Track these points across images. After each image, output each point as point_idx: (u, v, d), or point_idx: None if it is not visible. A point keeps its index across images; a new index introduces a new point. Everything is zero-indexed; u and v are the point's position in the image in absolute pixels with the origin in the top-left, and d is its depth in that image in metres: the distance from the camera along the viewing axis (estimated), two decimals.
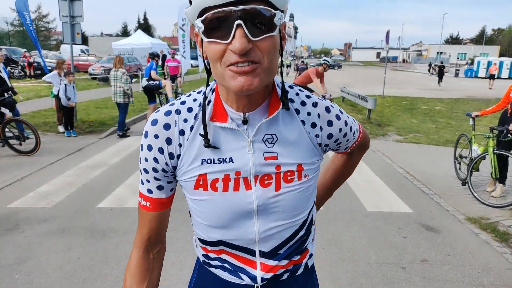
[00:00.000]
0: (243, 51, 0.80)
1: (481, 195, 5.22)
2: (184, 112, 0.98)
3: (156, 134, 0.96)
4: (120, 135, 8.66)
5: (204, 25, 0.83)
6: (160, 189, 1.03)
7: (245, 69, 0.82)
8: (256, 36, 0.81)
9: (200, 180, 0.98)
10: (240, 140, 0.96)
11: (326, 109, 1.04)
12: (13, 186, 5.35)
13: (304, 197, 1.03)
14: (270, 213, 1.01)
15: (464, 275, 3.42)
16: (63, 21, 9.35)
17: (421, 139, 9.11)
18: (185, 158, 0.97)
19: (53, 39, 63.92)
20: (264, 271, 1.07)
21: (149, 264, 1.10)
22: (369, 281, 3.28)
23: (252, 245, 1.04)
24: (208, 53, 0.86)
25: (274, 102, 0.97)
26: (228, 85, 0.85)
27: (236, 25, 0.79)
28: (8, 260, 3.43)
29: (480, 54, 63.87)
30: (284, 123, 0.99)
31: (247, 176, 0.97)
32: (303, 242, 1.11)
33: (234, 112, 0.95)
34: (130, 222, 4.26)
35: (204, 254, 1.12)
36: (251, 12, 0.80)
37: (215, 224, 1.02)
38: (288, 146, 0.98)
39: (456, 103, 16.57)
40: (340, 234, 4.11)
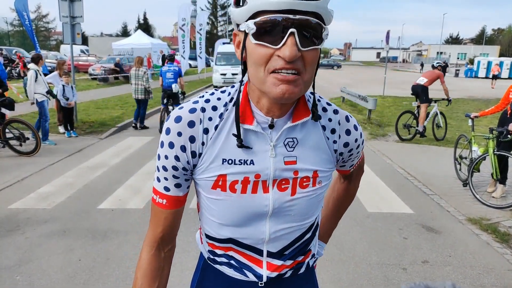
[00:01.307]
0: (292, 59, 0.82)
1: (482, 196, 5.22)
2: (209, 111, 0.97)
3: (180, 132, 0.95)
4: (141, 127, 9.68)
5: (256, 27, 0.83)
6: (177, 186, 1.02)
7: (289, 78, 0.84)
8: (305, 47, 0.83)
9: (219, 181, 0.98)
10: (263, 143, 0.97)
11: (346, 118, 1.08)
12: (13, 187, 5.35)
13: (315, 203, 1.07)
14: (282, 216, 1.03)
15: (465, 276, 3.43)
16: (63, 22, 9.34)
17: (421, 140, 9.10)
18: (206, 157, 0.97)
19: (52, 39, 63.95)
20: (269, 270, 1.10)
21: (160, 263, 1.09)
22: (370, 282, 3.28)
23: (261, 245, 1.07)
24: (253, 55, 0.86)
25: (300, 108, 0.98)
26: (269, 91, 0.86)
27: (290, 33, 0.81)
28: (9, 262, 3.43)
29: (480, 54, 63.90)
30: (305, 128, 1.00)
31: (266, 180, 0.98)
32: (308, 243, 1.15)
33: (263, 116, 0.96)
34: (131, 223, 4.26)
35: (210, 251, 1.13)
36: (305, 23, 0.82)
37: (228, 222, 1.03)
38: (307, 151, 1.00)
39: (456, 103, 16.54)
40: (340, 235, 4.11)
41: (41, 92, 7.55)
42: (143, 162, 6.62)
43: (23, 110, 10.67)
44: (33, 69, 7.54)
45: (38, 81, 7.53)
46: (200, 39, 21.14)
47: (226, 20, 66.73)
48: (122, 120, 10.31)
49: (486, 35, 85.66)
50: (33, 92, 7.48)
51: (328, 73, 42.15)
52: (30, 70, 7.56)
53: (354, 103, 13.85)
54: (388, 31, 17.15)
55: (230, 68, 19.19)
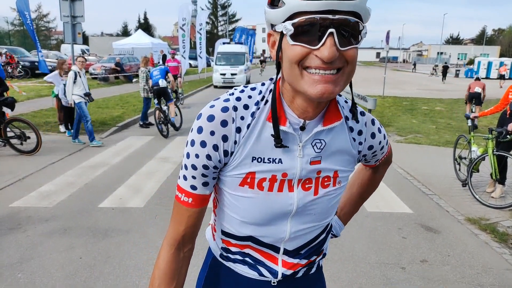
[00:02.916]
0: (331, 60, 0.81)
1: (481, 196, 5.23)
2: (241, 109, 0.96)
3: (213, 131, 0.94)
4: (146, 124, 9.96)
5: (294, 28, 0.82)
6: (205, 185, 1.01)
7: (327, 78, 0.83)
8: (344, 46, 0.82)
9: (248, 178, 0.99)
10: (292, 143, 0.97)
11: (372, 121, 1.10)
12: (14, 185, 5.37)
13: (335, 203, 1.09)
14: (304, 215, 1.05)
15: (463, 275, 3.45)
16: (64, 21, 9.36)
17: (421, 140, 9.12)
18: (237, 155, 0.97)
19: (53, 39, 63.94)
20: (285, 268, 1.11)
21: (179, 263, 1.08)
22: (369, 281, 3.30)
23: (279, 243, 1.08)
24: (289, 54, 0.85)
25: (331, 110, 0.98)
26: (304, 90, 0.86)
27: (329, 33, 0.80)
28: (11, 259, 3.45)
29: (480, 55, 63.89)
30: (334, 130, 1.01)
31: (292, 179, 1.00)
32: (322, 244, 1.17)
33: (296, 117, 0.96)
34: (132, 222, 4.28)
35: (224, 248, 1.14)
36: (344, 22, 0.81)
37: (252, 221, 1.04)
38: (331, 152, 1.02)
39: (456, 104, 16.57)
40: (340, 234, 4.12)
41: (79, 94, 7.49)
42: (144, 161, 6.64)
43: (23, 109, 10.70)
44: (73, 70, 7.48)
45: (77, 83, 7.45)
46: (200, 38, 21.15)
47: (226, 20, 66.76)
48: (122, 120, 10.32)
49: (486, 35, 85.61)
50: (71, 93, 7.44)
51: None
52: (71, 71, 7.50)
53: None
54: (388, 31, 17.17)
55: (230, 68, 19.22)
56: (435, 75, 39.97)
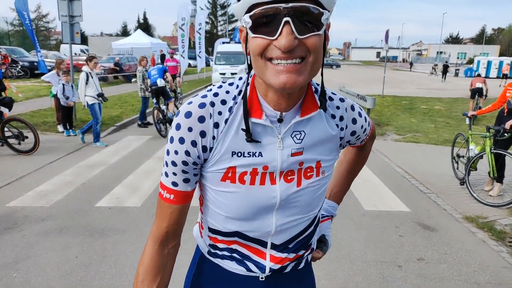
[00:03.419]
0: (288, 49, 0.80)
1: (479, 194, 5.23)
2: (218, 105, 0.96)
3: (190, 127, 0.94)
4: (145, 123, 10.01)
5: (252, 20, 0.83)
6: (186, 182, 1.01)
7: (290, 68, 0.83)
8: (303, 34, 0.81)
9: (229, 172, 0.98)
10: (271, 136, 0.98)
11: (351, 107, 1.10)
12: (12, 185, 5.37)
13: (319, 194, 1.08)
14: (289, 208, 1.04)
15: (460, 273, 3.44)
16: (62, 21, 9.36)
17: (420, 139, 9.12)
18: (217, 150, 0.97)
19: (53, 39, 63.90)
20: (273, 262, 1.11)
21: (163, 259, 1.08)
22: (365, 279, 3.30)
23: (266, 237, 1.08)
24: (252, 47, 0.86)
25: (308, 100, 0.99)
26: (269, 81, 0.86)
27: (284, 22, 0.80)
28: (6, 259, 3.45)
29: (480, 54, 63.85)
30: (313, 120, 1.01)
31: (273, 171, 1.00)
32: (310, 237, 1.16)
33: (271, 110, 0.96)
34: (128, 221, 4.27)
35: (212, 244, 1.14)
36: (300, 9, 0.80)
37: (236, 216, 1.03)
38: (312, 142, 1.01)
39: (455, 103, 16.57)
40: (337, 232, 4.12)
41: (92, 95, 7.44)
42: (142, 160, 6.64)
43: (22, 109, 10.70)
44: (85, 71, 7.42)
45: (89, 84, 7.39)
46: (200, 38, 21.15)
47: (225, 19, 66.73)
48: (121, 119, 10.32)
49: (486, 35, 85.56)
50: (83, 94, 7.39)
51: (327, 72, 42.16)
52: (82, 72, 7.45)
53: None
54: (387, 30, 17.14)
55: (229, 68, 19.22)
56: (434, 74, 39.99)
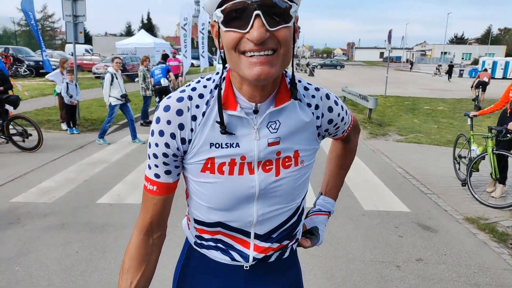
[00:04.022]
0: (261, 40, 0.84)
1: (481, 196, 5.20)
2: (196, 98, 1.00)
3: (169, 120, 0.98)
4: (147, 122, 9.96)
5: (223, 14, 0.87)
6: (167, 173, 1.05)
7: (262, 60, 0.86)
8: (273, 27, 0.85)
9: (208, 163, 1.02)
10: (247, 127, 1.01)
11: (326, 96, 1.12)
12: (15, 181, 5.42)
13: (300, 183, 1.10)
14: (269, 197, 1.07)
15: (459, 274, 3.43)
16: (66, 20, 9.42)
17: (422, 139, 9.10)
18: (195, 142, 1.01)
19: (58, 39, 64.16)
20: (256, 252, 1.13)
21: (148, 249, 1.12)
22: (363, 279, 3.30)
23: (249, 227, 1.10)
24: (225, 41, 0.90)
25: (282, 91, 1.02)
26: (244, 74, 0.89)
27: (255, 15, 0.83)
28: (9, 253, 3.49)
29: (485, 54, 63.47)
30: (288, 110, 1.04)
31: (251, 161, 1.03)
32: (294, 228, 1.18)
33: (246, 101, 1.00)
34: (129, 218, 4.31)
35: (198, 236, 1.17)
36: (269, 3, 0.84)
37: (217, 206, 1.07)
38: (289, 132, 1.04)
39: (459, 103, 16.51)
40: (336, 232, 4.13)
41: (115, 96, 7.49)
42: (143, 158, 6.67)
43: (27, 107, 10.77)
44: (110, 72, 7.48)
45: (114, 84, 7.44)
46: (203, 38, 21.17)
47: None
48: (123, 118, 10.33)
49: (492, 35, 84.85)
50: (107, 95, 7.44)
51: (331, 73, 42.08)
52: (107, 73, 7.51)
53: (355, 103, 13.85)
54: (390, 30, 17.07)
55: None
56: (438, 75, 39.81)
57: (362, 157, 7.22)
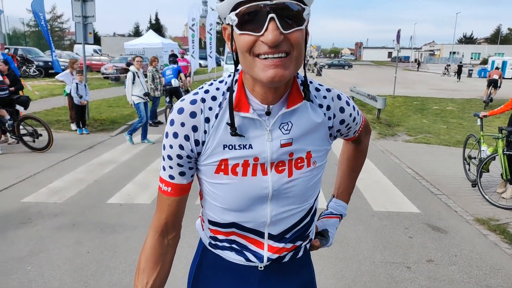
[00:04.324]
0: (275, 43, 0.85)
1: (491, 197, 5.16)
2: (209, 101, 1.02)
3: (183, 122, 1.00)
4: (156, 122, 9.96)
5: (238, 18, 0.87)
6: (182, 175, 1.07)
7: (276, 62, 0.87)
8: (287, 29, 0.86)
9: (221, 165, 1.03)
10: (260, 128, 1.02)
11: (338, 96, 1.13)
12: (26, 181, 5.47)
13: (312, 184, 1.11)
14: (282, 198, 1.08)
15: (470, 276, 3.41)
16: (76, 21, 9.51)
17: (431, 140, 9.04)
18: (209, 144, 1.02)
19: (66, 39, 64.71)
20: (271, 252, 1.14)
21: (163, 249, 1.13)
22: (373, 280, 3.29)
23: (262, 228, 1.11)
24: (239, 44, 0.91)
25: (294, 93, 1.03)
26: (258, 76, 0.90)
27: (269, 18, 0.84)
28: (21, 252, 3.53)
29: (494, 54, 62.78)
30: (300, 111, 1.04)
31: (264, 162, 1.03)
32: (307, 228, 1.18)
33: (259, 103, 1.00)
34: (139, 218, 4.33)
35: (212, 236, 1.18)
36: (283, 6, 0.85)
37: (231, 207, 1.07)
38: (301, 133, 1.05)
39: (468, 104, 16.38)
40: (345, 233, 4.12)
41: (138, 95, 7.56)
42: (152, 159, 6.71)
43: (36, 107, 10.88)
44: (132, 70, 7.54)
45: (136, 83, 7.52)
46: (211, 38, 21.21)
47: None
48: (132, 118, 10.41)
49: (501, 34, 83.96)
50: (130, 94, 7.53)
51: (338, 73, 41.95)
52: (129, 72, 7.57)
53: (364, 103, 13.79)
54: (398, 30, 17.01)
55: None
56: (447, 75, 39.52)
57: (371, 157, 7.18)
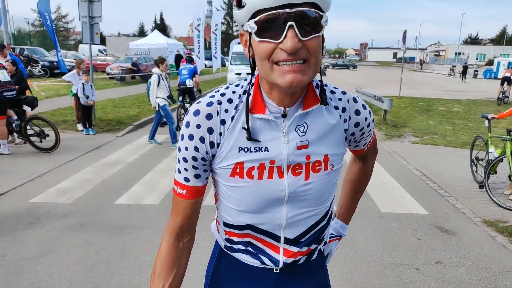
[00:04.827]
0: (294, 50, 0.86)
1: (499, 198, 5.14)
2: (225, 103, 1.03)
3: (198, 124, 1.01)
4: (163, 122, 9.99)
5: (257, 25, 0.89)
6: (197, 177, 1.08)
7: (295, 68, 0.89)
8: (305, 36, 0.88)
9: (237, 168, 1.03)
10: (276, 130, 1.02)
11: (353, 99, 1.13)
12: (34, 182, 5.50)
13: (329, 187, 1.11)
14: (298, 201, 1.08)
15: (479, 277, 3.40)
16: (82, 22, 9.54)
17: (438, 141, 9.01)
18: (224, 146, 1.03)
19: (71, 39, 65.07)
20: (286, 256, 1.14)
21: (179, 253, 1.14)
22: (382, 282, 3.29)
23: (278, 231, 1.11)
24: (258, 51, 0.92)
25: (310, 95, 1.04)
26: (276, 81, 0.91)
27: (288, 26, 0.86)
28: (30, 253, 3.55)
29: (500, 55, 62.45)
30: (315, 113, 1.05)
31: (280, 165, 1.04)
32: (322, 231, 1.19)
33: (275, 106, 1.01)
34: (147, 218, 4.35)
35: (228, 239, 1.18)
36: (301, 14, 0.86)
37: (247, 209, 1.08)
38: (317, 136, 1.05)
39: (474, 105, 16.31)
40: (354, 234, 4.12)
41: (163, 97, 7.56)
42: (159, 159, 6.73)
43: (42, 107, 10.93)
44: (156, 73, 7.53)
45: (161, 86, 7.49)
46: (216, 39, 21.26)
47: None
48: (138, 119, 10.47)
49: (507, 35, 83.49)
50: (155, 96, 7.51)
51: (343, 73, 41.87)
52: (153, 74, 7.55)
53: (369, 104, 13.75)
54: (404, 31, 16.95)
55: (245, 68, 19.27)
56: (452, 75, 39.36)
57: (378, 158, 7.11)
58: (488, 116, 5.71)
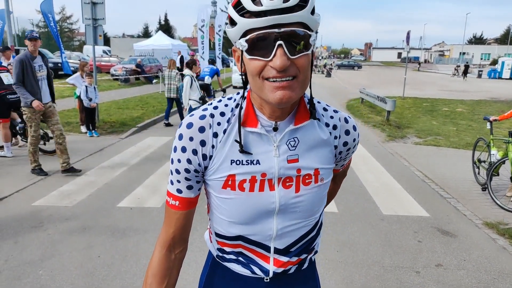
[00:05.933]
0: (283, 68, 0.89)
1: (501, 200, 5.13)
2: (218, 116, 1.06)
3: (191, 137, 1.03)
4: (166, 123, 10.38)
5: (248, 44, 0.92)
6: (189, 188, 1.10)
7: (284, 84, 0.92)
8: (294, 55, 0.91)
9: (229, 180, 1.06)
10: (267, 144, 1.05)
11: (345, 119, 1.16)
12: (37, 184, 5.55)
13: (319, 199, 1.14)
14: (289, 213, 1.10)
15: (479, 280, 3.40)
16: (86, 24, 9.59)
17: (441, 142, 8.98)
18: (216, 159, 1.05)
19: (76, 40, 65.30)
20: (276, 266, 1.17)
21: (170, 263, 1.15)
22: (383, 285, 3.29)
23: (268, 241, 1.13)
24: (249, 68, 0.95)
25: (301, 111, 1.07)
26: (267, 98, 0.94)
27: (278, 45, 0.89)
28: (33, 257, 3.58)
29: (504, 55, 62.02)
30: (306, 128, 1.08)
31: (271, 178, 1.06)
32: (312, 241, 1.21)
33: (266, 119, 1.04)
34: (149, 222, 4.37)
35: (219, 249, 1.20)
36: (290, 33, 0.89)
37: (238, 220, 1.10)
38: (308, 150, 1.08)
39: (478, 105, 16.23)
40: (355, 237, 4.12)
41: (195, 99, 7.60)
42: (162, 162, 6.75)
43: None
44: (188, 75, 7.55)
45: (193, 88, 7.53)
46: (219, 40, 21.29)
47: None
48: (142, 120, 10.50)
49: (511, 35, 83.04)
50: (188, 98, 7.55)
51: (348, 74, 41.79)
52: (186, 76, 7.57)
53: (373, 104, 13.74)
54: (408, 31, 16.91)
55: None
56: (457, 75, 39.18)
57: (380, 160, 7.17)
58: (490, 118, 5.70)
